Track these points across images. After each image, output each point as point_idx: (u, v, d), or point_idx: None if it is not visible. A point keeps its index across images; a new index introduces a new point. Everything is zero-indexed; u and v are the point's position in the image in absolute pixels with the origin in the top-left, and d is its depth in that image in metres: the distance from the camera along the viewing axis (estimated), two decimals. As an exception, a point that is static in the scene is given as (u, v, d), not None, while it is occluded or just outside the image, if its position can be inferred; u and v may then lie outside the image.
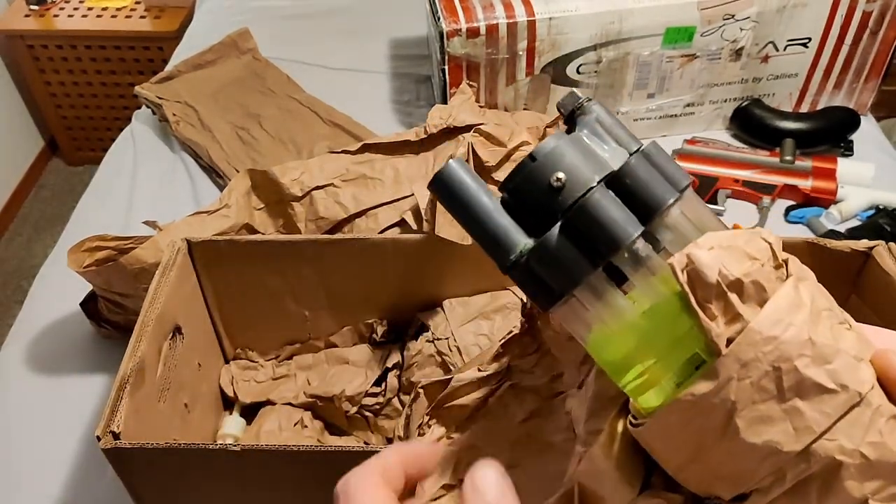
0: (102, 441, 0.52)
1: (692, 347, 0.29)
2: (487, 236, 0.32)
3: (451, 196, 0.32)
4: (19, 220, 2.28)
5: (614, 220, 0.30)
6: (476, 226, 0.32)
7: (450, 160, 0.32)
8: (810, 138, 1.06)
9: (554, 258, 0.30)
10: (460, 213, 0.32)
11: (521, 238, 0.31)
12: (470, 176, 0.32)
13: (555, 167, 0.30)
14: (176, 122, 1.17)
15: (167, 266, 0.66)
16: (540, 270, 0.31)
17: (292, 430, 0.74)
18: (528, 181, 0.31)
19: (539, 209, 0.31)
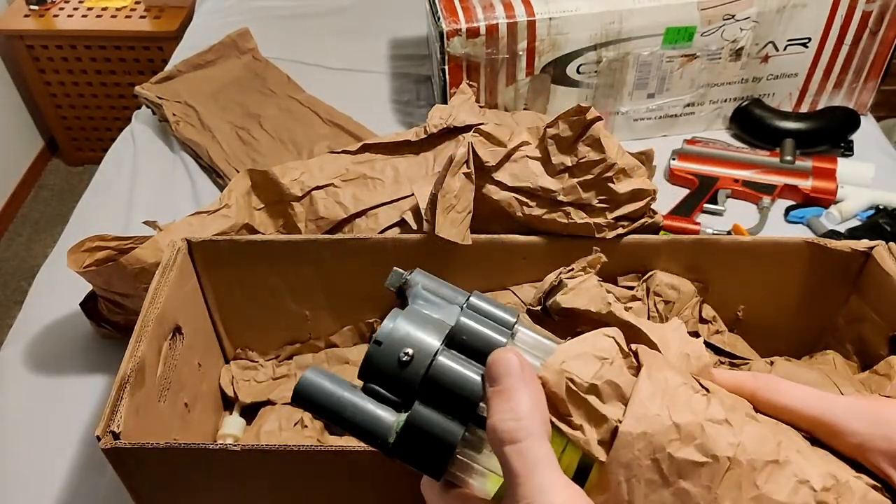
0: (102, 441, 0.52)
1: (575, 458, 0.31)
2: (362, 430, 0.33)
3: (316, 406, 0.34)
4: (19, 221, 2.28)
5: (464, 378, 0.32)
6: (348, 424, 0.33)
7: (304, 374, 0.34)
8: (810, 138, 1.06)
9: (425, 430, 0.32)
10: (330, 418, 0.34)
11: (392, 418, 0.33)
12: (327, 380, 0.34)
13: (401, 344, 0.33)
14: (176, 122, 1.17)
15: (167, 266, 0.66)
16: (418, 444, 0.32)
17: (292, 430, 0.74)
18: (380, 364, 0.33)
19: (399, 386, 0.33)
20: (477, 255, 0.71)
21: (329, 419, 0.34)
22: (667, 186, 1.04)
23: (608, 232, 0.71)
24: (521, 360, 0.30)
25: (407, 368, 0.33)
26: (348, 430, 0.34)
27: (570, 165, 0.71)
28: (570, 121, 0.70)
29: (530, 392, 0.30)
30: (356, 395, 0.34)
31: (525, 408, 0.29)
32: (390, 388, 0.33)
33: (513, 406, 0.29)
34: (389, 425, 0.33)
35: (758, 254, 0.71)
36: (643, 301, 0.73)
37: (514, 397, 0.29)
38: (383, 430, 0.33)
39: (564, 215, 0.71)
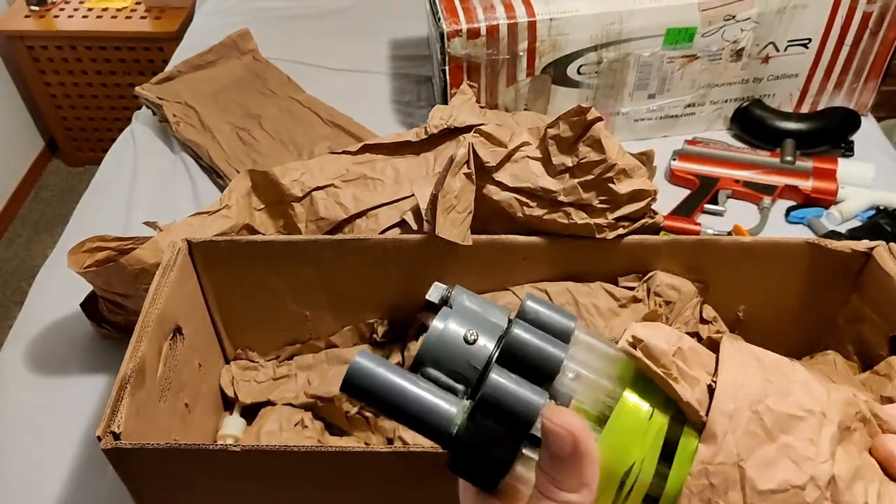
0: (103, 441, 0.52)
1: (659, 436, 0.29)
2: (420, 420, 0.30)
3: (368, 395, 0.31)
4: (19, 221, 2.28)
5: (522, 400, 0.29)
6: (405, 414, 0.31)
7: (355, 358, 0.31)
8: (811, 139, 1.06)
9: (481, 444, 0.30)
10: (384, 408, 0.31)
11: (453, 409, 0.30)
12: (381, 365, 0.31)
13: (465, 324, 0.31)
14: (176, 123, 1.17)
15: (167, 266, 0.66)
16: (472, 458, 0.30)
17: (292, 431, 0.74)
18: (444, 342, 0.31)
19: (462, 367, 0.31)
20: (477, 255, 0.71)
21: (382, 409, 0.31)
22: (667, 187, 1.04)
23: (609, 232, 0.71)
24: (576, 435, 0.28)
25: (473, 346, 0.31)
26: (404, 421, 0.31)
27: (570, 166, 0.71)
28: (570, 121, 0.70)
29: (585, 465, 0.28)
30: (413, 383, 0.31)
31: (575, 482, 0.28)
32: (451, 373, 0.31)
33: (561, 478, 0.28)
34: (451, 415, 0.30)
35: (758, 254, 0.71)
36: (644, 302, 0.73)
37: (567, 472, 0.28)
38: (445, 421, 0.30)
39: (565, 216, 0.71)
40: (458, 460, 0.30)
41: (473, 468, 0.30)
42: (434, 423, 0.30)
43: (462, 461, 0.30)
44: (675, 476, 0.29)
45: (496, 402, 0.29)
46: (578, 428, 0.28)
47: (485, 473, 0.30)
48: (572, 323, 0.33)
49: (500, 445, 0.29)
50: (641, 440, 0.29)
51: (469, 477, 0.31)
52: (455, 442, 0.30)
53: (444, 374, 0.31)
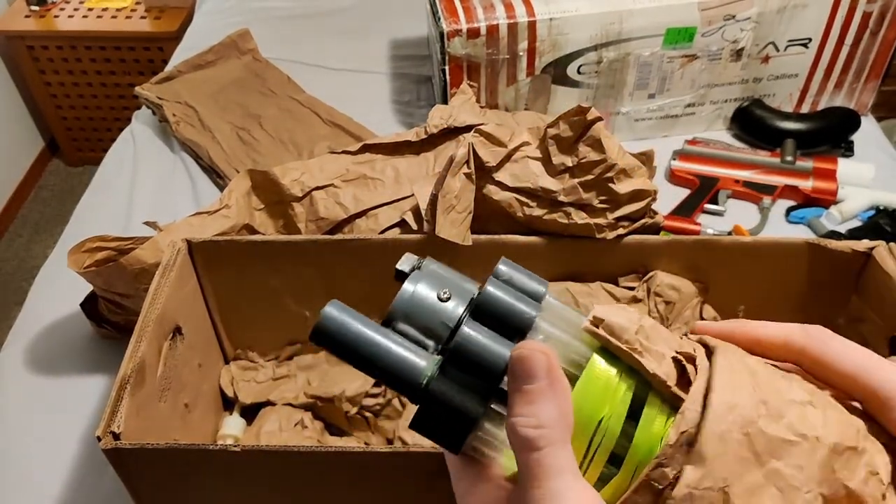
0: (103, 441, 0.52)
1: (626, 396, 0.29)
2: (390, 373, 0.30)
3: (339, 344, 0.31)
4: (19, 221, 2.28)
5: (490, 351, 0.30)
6: (374, 365, 0.31)
7: (325, 308, 0.31)
8: (811, 139, 1.06)
9: (445, 404, 0.30)
10: (354, 359, 0.31)
11: (423, 362, 0.30)
12: (352, 316, 0.31)
13: (439, 283, 0.32)
14: (176, 123, 1.17)
15: (167, 266, 0.66)
16: (436, 419, 0.30)
17: (292, 431, 0.74)
18: (416, 299, 0.31)
19: (434, 324, 0.31)
20: (477, 255, 0.71)
21: (352, 360, 0.31)
22: (667, 187, 1.04)
23: (609, 232, 0.71)
24: (549, 359, 0.28)
25: (446, 303, 0.31)
26: (374, 372, 0.31)
27: (570, 166, 0.71)
28: (570, 121, 0.70)
29: (557, 398, 0.28)
30: (384, 335, 0.31)
31: (548, 415, 0.28)
32: (423, 329, 0.31)
33: (535, 411, 0.28)
34: (422, 367, 0.30)
35: (758, 254, 0.71)
36: (644, 301, 0.73)
37: (538, 402, 0.28)
38: (415, 373, 0.30)
39: (565, 216, 0.71)
40: (425, 416, 0.30)
41: (440, 424, 0.30)
42: (404, 374, 0.30)
43: (429, 417, 0.30)
44: (640, 438, 0.29)
45: (467, 352, 0.30)
46: (549, 352, 0.28)
47: (451, 429, 0.30)
48: (543, 288, 0.33)
49: (469, 397, 0.29)
50: (611, 397, 0.29)
51: (435, 434, 0.30)
52: (424, 395, 0.30)
53: (415, 329, 0.31)
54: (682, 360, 0.30)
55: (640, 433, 0.29)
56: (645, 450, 0.28)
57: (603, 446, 0.29)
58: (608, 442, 0.29)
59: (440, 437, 0.30)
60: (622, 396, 0.29)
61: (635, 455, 0.29)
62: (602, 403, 0.29)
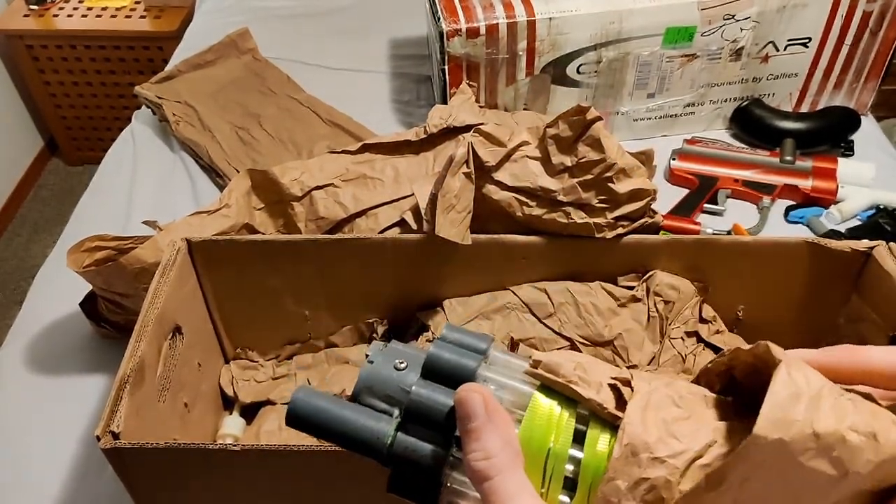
0: (102, 441, 0.52)
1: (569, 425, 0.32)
2: (359, 441, 0.34)
3: (310, 424, 0.35)
4: (19, 221, 2.28)
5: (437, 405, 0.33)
6: (345, 435, 0.34)
7: (294, 393, 0.35)
8: (810, 138, 1.06)
9: (411, 459, 0.33)
10: (326, 434, 0.35)
11: (387, 427, 0.34)
12: (318, 397, 0.35)
13: (395, 356, 0.36)
14: (176, 122, 1.17)
15: (167, 266, 0.66)
16: (407, 477, 0.33)
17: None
18: (377, 373, 0.35)
19: (395, 394, 0.35)
20: (477, 255, 0.71)
21: (324, 436, 0.35)
22: (667, 186, 1.04)
23: (608, 232, 0.71)
24: (485, 397, 0.31)
25: (402, 372, 0.35)
26: (345, 444, 0.34)
27: (570, 165, 0.71)
28: (570, 121, 0.70)
29: (498, 429, 0.30)
30: (351, 409, 0.34)
31: (493, 445, 0.30)
32: (385, 398, 0.35)
33: (482, 445, 0.30)
34: (384, 431, 0.33)
35: (758, 254, 0.71)
36: (643, 301, 0.73)
37: (482, 437, 0.30)
38: (378, 436, 0.33)
39: (564, 215, 0.71)
40: (397, 477, 0.33)
41: (411, 480, 0.33)
42: (370, 440, 0.33)
43: (400, 477, 0.33)
44: (587, 459, 0.31)
45: (418, 407, 0.33)
46: (484, 391, 0.31)
47: (422, 483, 0.33)
48: (485, 344, 0.36)
49: (431, 449, 0.33)
50: (555, 425, 0.32)
51: (410, 493, 0.33)
52: (390, 454, 0.33)
53: (378, 400, 0.35)
54: (619, 384, 0.32)
55: (586, 454, 0.31)
56: (593, 469, 0.30)
57: (556, 472, 0.31)
58: (559, 467, 0.31)
59: (416, 495, 0.33)
60: (565, 424, 0.32)
61: (587, 475, 0.31)
62: (548, 432, 0.32)
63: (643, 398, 0.31)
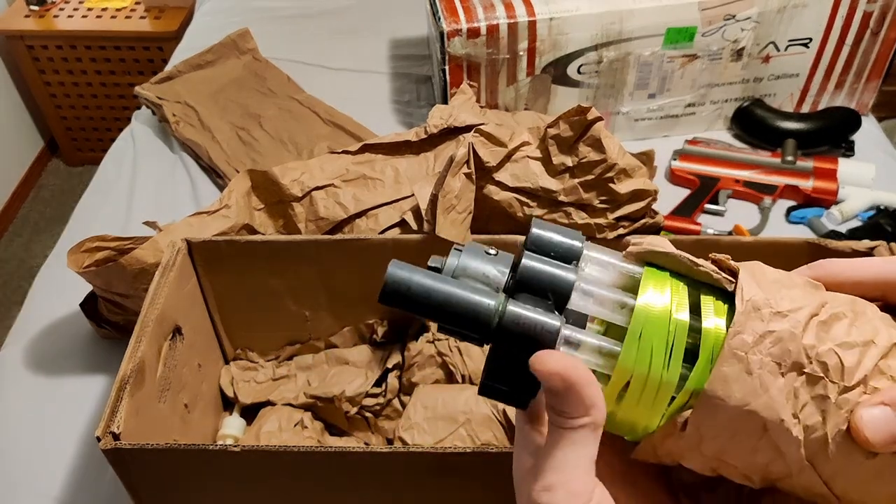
0: (102, 441, 0.51)
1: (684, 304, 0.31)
2: (466, 309, 0.31)
3: (409, 299, 0.32)
4: (19, 221, 2.28)
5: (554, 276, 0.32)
6: (451, 309, 0.32)
7: (389, 268, 0.32)
8: (811, 139, 1.06)
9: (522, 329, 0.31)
10: (427, 310, 0.32)
11: (492, 301, 0.31)
12: (413, 271, 0.32)
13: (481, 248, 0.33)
14: (176, 123, 1.17)
15: (167, 266, 0.66)
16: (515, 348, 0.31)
17: (292, 431, 0.74)
18: (467, 257, 0.33)
19: (487, 273, 0.33)
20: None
21: (425, 311, 0.32)
22: (668, 187, 1.04)
23: (609, 232, 0.71)
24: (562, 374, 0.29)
25: (496, 257, 0.33)
26: (447, 318, 0.32)
27: (570, 166, 0.71)
28: (570, 121, 0.70)
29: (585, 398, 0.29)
30: (452, 282, 0.32)
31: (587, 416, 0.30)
32: (484, 279, 0.33)
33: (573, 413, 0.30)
34: (496, 300, 0.31)
35: (759, 254, 0.70)
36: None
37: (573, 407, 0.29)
38: (489, 307, 0.31)
39: (565, 215, 0.71)
40: (496, 363, 0.31)
41: (512, 372, 0.31)
42: (477, 309, 0.31)
43: (500, 364, 0.31)
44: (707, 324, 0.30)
45: (531, 277, 0.32)
46: (564, 365, 0.30)
47: (525, 376, 0.31)
48: (579, 243, 0.34)
49: (545, 321, 0.31)
50: (672, 290, 0.31)
51: (507, 386, 0.32)
52: (498, 329, 0.31)
53: (475, 281, 0.32)
54: (719, 260, 0.33)
55: (705, 319, 0.31)
56: (713, 336, 0.30)
57: (678, 339, 0.30)
58: (681, 333, 0.30)
59: (514, 388, 0.31)
60: (681, 289, 0.32)
61: (707, 340, 0.30)
62: (666, 297, 0.31)
63: (748, 268, 0.32)
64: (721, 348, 0.29)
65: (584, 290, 0.32)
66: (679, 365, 0.30)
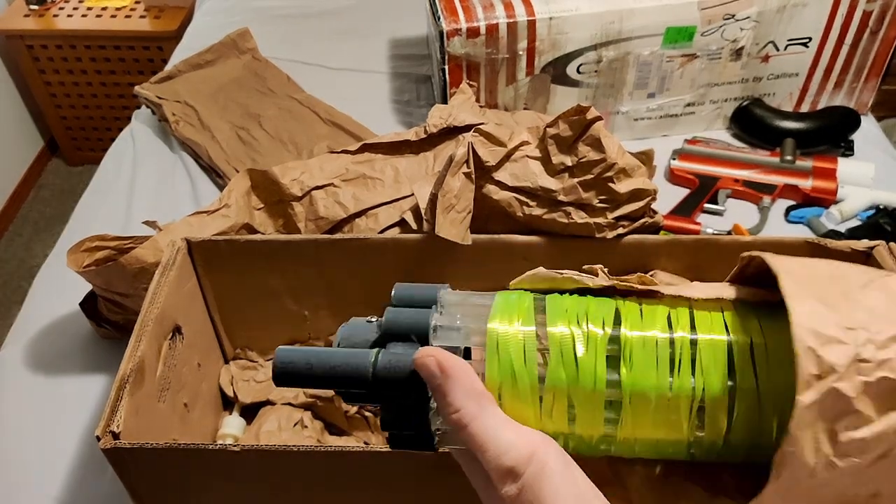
0: (102, 441, 0.52)
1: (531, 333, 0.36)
2: (346, 369, 0.36)
3: (299, 374, 0.36)
4: (19, 221, 2.28)
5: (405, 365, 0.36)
6: (334, 374, 0.36)
7: (277, 351, 0.37)
8: (811, 138, 1.06)
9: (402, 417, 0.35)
10: (315, 378, 0.36)
11: (367, 354, 0.36)
12: (298, 350, 0.37)
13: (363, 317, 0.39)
14: (175, 122, 1.17)
15: (167, 266, 0.66)
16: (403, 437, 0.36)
17: (292, 431, 0.74)
18: (350, 328, 0.38)
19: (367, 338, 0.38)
20: (477, 255, 0.71)
21: (314, 380, 0.36)
22: (667, 186, 1.04)
23: (608, 232, 0.71)
24: (437, 358, 0.33)
25: (374, 323, 0.38)
26: (333, 382, 0.36)
27: (570, 165, 0.71)
28: (570, 120, 0.70)
29: (457, 381, 0.33)
30: (333, 351, 0.37)
31: (455, 398, 0.33)
32: (364, 343, 0.38)
33: (448, 401, 0.33)
34: (368, 354, 0.35)
35: (758, 254, 0.70)
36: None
37: (446, 392, 0.33)
38: (364, 361, 0.35)
39: (565, 215, 0.71)
40: (386, 411, 0.35)
41: (403, 416, 0.35)
42: (354, 366, 0.35)
43: (389, 411, 0.35)
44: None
45: (395, 324, 0.37)
46: (437, 353, 0.34)
47: (414, 417, 0.35)
48: (437, 290, 0.38)
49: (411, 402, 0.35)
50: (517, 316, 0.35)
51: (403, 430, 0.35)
52: (374, 377, 0.35)
53: (356, 346, 0.38)
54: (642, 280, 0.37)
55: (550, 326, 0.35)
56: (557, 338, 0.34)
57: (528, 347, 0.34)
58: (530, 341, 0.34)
59: (410, 431, 0.35)
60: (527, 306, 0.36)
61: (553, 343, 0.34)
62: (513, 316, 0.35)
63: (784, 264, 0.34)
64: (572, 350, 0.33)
65: (442, 326, 0.36)
66: (535, 367, 0.34)
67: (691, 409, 0.32)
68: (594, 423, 0.33)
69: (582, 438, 0.34)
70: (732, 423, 0.32)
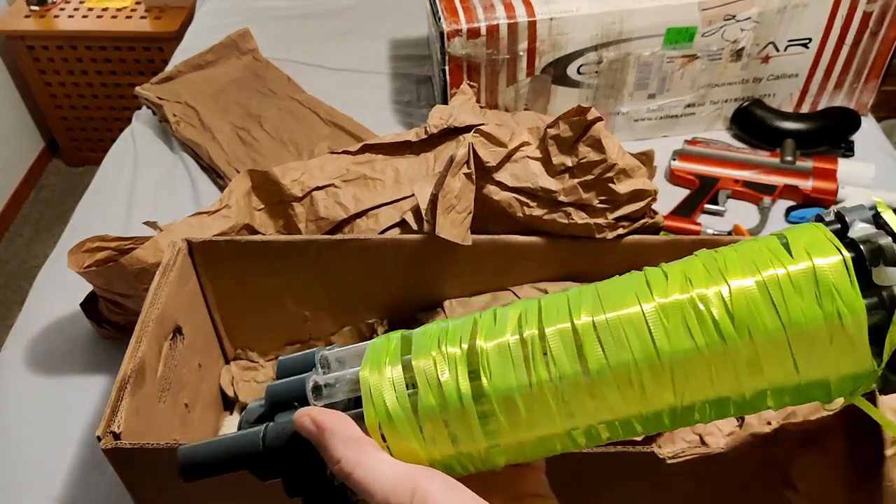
0: (103, 441, 0.52)
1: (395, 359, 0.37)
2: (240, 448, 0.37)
3: (202, 464, 0.38)
4: (20, 221, 2.28)
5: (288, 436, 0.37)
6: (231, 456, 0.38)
7: (179, 449, 0.39)
8: (811, 139, 1.06)
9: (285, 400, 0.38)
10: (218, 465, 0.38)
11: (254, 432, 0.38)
12: (196, 445, 0.38)
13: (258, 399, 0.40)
14: (176, 123, 1.17)
15: (167, 266, 0.66)
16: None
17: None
18: (246, 416, 0.39)
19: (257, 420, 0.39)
20: (477, 255, 0.71)
21: (218, 467, 0.38)
22: (667, 187, 1.04)
23: (609, 232, 0.71)
24: (312, 415, 0.35)
25: (262, 413, 0.39)
26: (232, 464, 0.38)
27: (570, 166, 0.71)
28: (570, 121, 0.70)
29: (335, 434, 0.34)
30: (225, 438, 0.38)
31: (336, 450, 0.34)
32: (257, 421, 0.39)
33: (330, 454, 0.34)
34: (253, 436, 0.37)
35: (758, 254, 0.70)
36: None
37: (327, 446, 0.34)
38: (254, 437, 0.37)
39: (565, 216, 0.71)
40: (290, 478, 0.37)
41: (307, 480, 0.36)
42: (246, 444, 0.37)
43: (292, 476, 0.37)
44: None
45: (278, 394, 0.38)
46: (312, 411, 0.35)
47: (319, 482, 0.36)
48: (314, 355, 0.39)
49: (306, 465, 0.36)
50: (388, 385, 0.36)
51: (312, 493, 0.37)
52: (266, 450, 0.37)
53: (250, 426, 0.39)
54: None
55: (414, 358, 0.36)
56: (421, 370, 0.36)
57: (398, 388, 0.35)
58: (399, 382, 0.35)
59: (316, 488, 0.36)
60: (395, 348, 0.37)
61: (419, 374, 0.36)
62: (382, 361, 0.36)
63: None
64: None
65: (323, 385, 0.38)
66: (407, 401, 0.35)
67: (557, 400, 0.33)
68: (475, 439, 0.34)
69: (472, 456, 0.35)
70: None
